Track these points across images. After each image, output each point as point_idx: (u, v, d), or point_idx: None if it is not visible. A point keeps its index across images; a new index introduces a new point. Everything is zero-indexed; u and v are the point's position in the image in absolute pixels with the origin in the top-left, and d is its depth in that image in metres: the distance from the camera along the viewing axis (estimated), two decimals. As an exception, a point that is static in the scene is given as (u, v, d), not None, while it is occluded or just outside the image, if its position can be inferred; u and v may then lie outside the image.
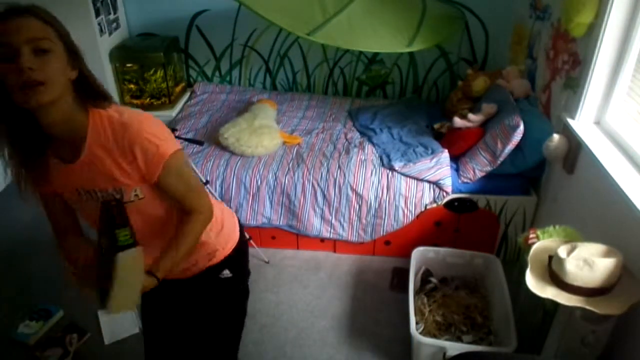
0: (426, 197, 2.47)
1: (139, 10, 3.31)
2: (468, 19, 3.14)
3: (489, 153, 2.38)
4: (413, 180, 2.47)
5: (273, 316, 2.34)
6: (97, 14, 2.89)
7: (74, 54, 1.04)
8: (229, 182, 2.53)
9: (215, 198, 2.48)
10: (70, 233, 1.25)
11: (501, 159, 2.35)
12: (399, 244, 2.64)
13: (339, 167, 2.53)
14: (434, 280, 2.33)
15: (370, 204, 2.50)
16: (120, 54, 3.07)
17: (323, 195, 2.52)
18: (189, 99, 3.40)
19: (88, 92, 1.09)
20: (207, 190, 2.16)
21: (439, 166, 2.46)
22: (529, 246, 1.74)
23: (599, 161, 1.81)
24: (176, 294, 1.42)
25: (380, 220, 2.54)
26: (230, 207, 2.44)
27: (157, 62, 3.07)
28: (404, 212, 2.50)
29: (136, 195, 1.16)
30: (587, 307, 1.45)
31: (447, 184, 2.43)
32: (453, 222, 2.55)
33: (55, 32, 1.00)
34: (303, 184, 2.51)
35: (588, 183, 1.99)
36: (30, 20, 0.97)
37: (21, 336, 2.18)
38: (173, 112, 3.20)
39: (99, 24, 2.91)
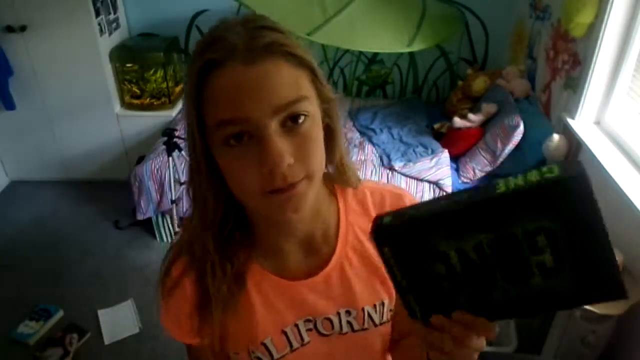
0: (426, 197, 2.47)
1: (139, 10, 3.31)
2: (468, 19, 3.13)
3: (489, 153, 2.38)
4: (413, 180, 2.47)
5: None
6: (97, 14, 2.88)
7: (326, 101, 0.60)
8: (229, 182, 2.53)
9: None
10: None
11: (501, 159, 2.35)
12: (399, 244, 2.63)
13: (339, 167, 2.53)
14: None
15: (370, 204, 2.49)
16: (120, 54, 3.06)
17: (323, 195, 2.52)
18: (189, 99, 3.40)
19: (335, 157, 0.66)
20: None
21: (439, 166, 2.46)
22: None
23: (599, 161, 1.81)
24: None
25: (380, 220, 2.53)
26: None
27: (157, 62, 3.06)
28: (404, 212, 2.50)
29: (390, 310, 0.73)
30: (587, 307, 1.45)
31: (447, 184, 2.43)
32: (453, 222, 2.55)
33: (310, 74, 0.57)
34: (303, 184, 2.51)
35: (588, 183, 1.99)
36: (280, 67, 0.53)
37: (21, 336, 2.17)
38: (173, 112, 3.19)
39: (99, 24, 2.91)
